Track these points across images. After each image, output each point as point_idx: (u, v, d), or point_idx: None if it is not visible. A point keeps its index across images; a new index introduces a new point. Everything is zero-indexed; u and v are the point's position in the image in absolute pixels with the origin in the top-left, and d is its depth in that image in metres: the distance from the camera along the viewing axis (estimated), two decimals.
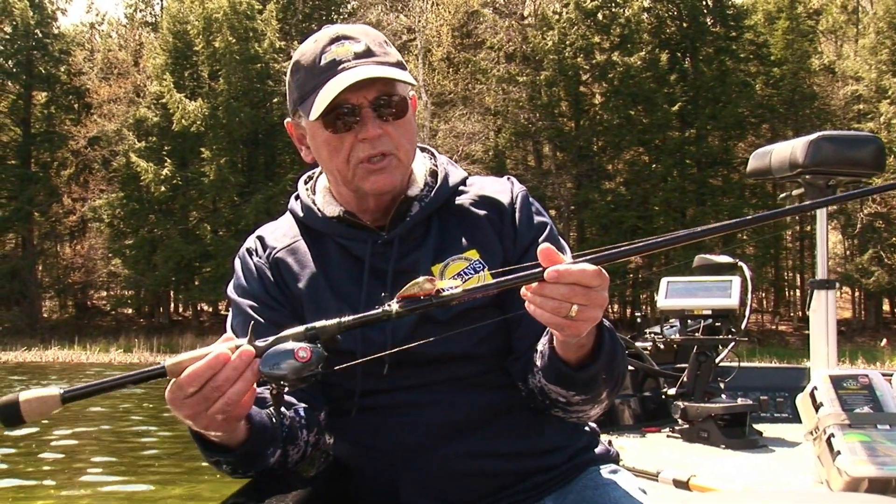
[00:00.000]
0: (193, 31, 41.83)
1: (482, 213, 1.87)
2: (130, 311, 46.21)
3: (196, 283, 42.29)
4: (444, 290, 1.48)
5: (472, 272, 1.79)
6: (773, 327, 39.41)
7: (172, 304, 46.89)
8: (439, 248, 1.83)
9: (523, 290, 1.48)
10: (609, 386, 1.71)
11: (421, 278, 1.48)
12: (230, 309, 1.90)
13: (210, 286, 40.40)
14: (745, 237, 36.76)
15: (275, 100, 41.24)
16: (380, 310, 1.48)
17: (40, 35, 46.19)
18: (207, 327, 41.70)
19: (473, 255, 1.82)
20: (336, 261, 1.86)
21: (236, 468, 1.66)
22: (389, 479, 1.77)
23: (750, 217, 1.72)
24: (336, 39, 1.79)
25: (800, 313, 42.61)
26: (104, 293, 47.86)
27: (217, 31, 40.68)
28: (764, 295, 42.14)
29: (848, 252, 39.23)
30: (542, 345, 1.70)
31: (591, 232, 39.27)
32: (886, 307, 42.46)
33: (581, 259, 1.46)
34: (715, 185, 39.66)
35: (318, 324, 1.47)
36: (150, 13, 53.40)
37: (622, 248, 1.51)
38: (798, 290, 44.35)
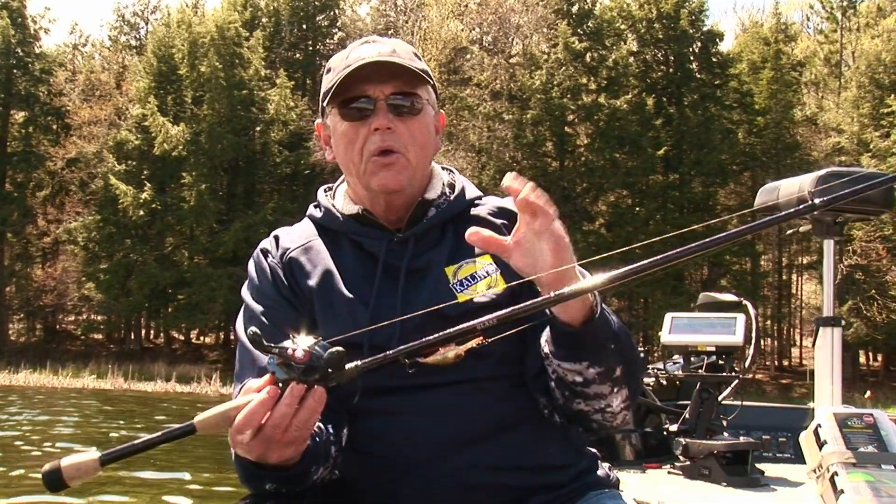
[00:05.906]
0: (179, 55, 41.88)
1: (498, 221, 1.91)
2: (100, 336, 45.66)
3: (170, 309, 41.92)
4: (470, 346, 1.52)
5: (486, 275, 1.84)
6: (750, 375, 39.43)
7: (144, 331, 46.41)
8: (454, 251, 1.87)
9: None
10: (619, 361, 1.69)
11: (451, 354, 1.52)
12: (242, 310, 1.92)
13: (184, 313, 40.15)
14: (725, 283, 36.89)
15: (258, 128, 41.29)
16: (402, 348, 1.50)
17: (21, 54, 45.94)
18: (180, 355, 41.26)
19: (487, 259, 1.85)
20: (350, 257, 1.89)
21: (281, 487, 1.67)
22: (390, 489, 1.76)
23: (758, 222, 1.76)
24: (366, 42, 1.90)
25: (776, 363, 42.78)
26: (73, 317, 47.24)
27: (203, 56, 40.73)
28: None
29: None
30: (545, 333, 1.71)
31: None
32: (863, 359, 42.64)
33: (597, 278, 1.52)
34: (697, 231, 39.84)
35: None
36: (135, 36, 53.51)
37: (635, 266, 1.53)
38: (775, 340, 44.53)
